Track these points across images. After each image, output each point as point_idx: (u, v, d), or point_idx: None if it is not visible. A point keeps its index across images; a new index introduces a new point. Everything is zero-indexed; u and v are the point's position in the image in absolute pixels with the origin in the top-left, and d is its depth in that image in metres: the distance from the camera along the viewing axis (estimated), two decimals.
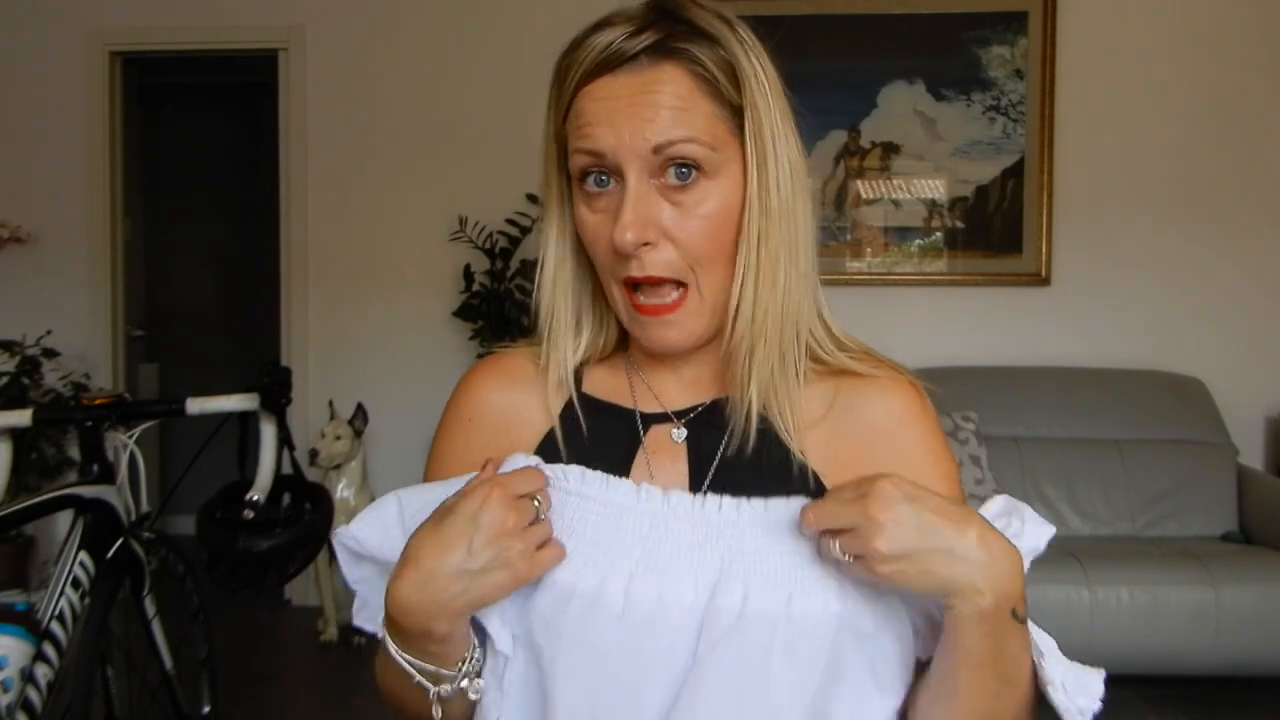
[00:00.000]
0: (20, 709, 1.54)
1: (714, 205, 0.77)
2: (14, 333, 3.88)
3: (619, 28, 0.76)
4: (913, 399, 0.84)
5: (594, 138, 0.75)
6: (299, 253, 4.09)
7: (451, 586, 0.71)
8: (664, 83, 0.75)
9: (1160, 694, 3.08)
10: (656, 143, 0.74)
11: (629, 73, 0.75)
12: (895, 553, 0.68)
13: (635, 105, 0.74)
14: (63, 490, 1.82)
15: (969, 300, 3.95)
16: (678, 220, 0.76)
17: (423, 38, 4.04)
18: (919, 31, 3.91)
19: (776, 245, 0.78)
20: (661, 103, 0.74)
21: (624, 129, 0.74)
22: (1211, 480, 3.51)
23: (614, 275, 0.79)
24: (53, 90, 4.11)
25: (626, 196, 0.75)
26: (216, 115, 5.45)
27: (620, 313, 0.81)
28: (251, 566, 1.81)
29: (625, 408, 0.85)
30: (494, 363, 0.90)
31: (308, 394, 3.98)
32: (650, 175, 0.76)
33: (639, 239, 0.75)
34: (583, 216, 0.79)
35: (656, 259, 0.76)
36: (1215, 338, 3.86)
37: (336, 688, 3.29)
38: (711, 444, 0.82)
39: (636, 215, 0.75)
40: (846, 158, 3.95)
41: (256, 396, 1.92)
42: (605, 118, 0.75)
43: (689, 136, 0.75)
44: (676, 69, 0.76)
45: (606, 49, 0.75)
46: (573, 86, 0.77)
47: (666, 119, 0.74)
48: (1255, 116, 3.84)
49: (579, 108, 0.77)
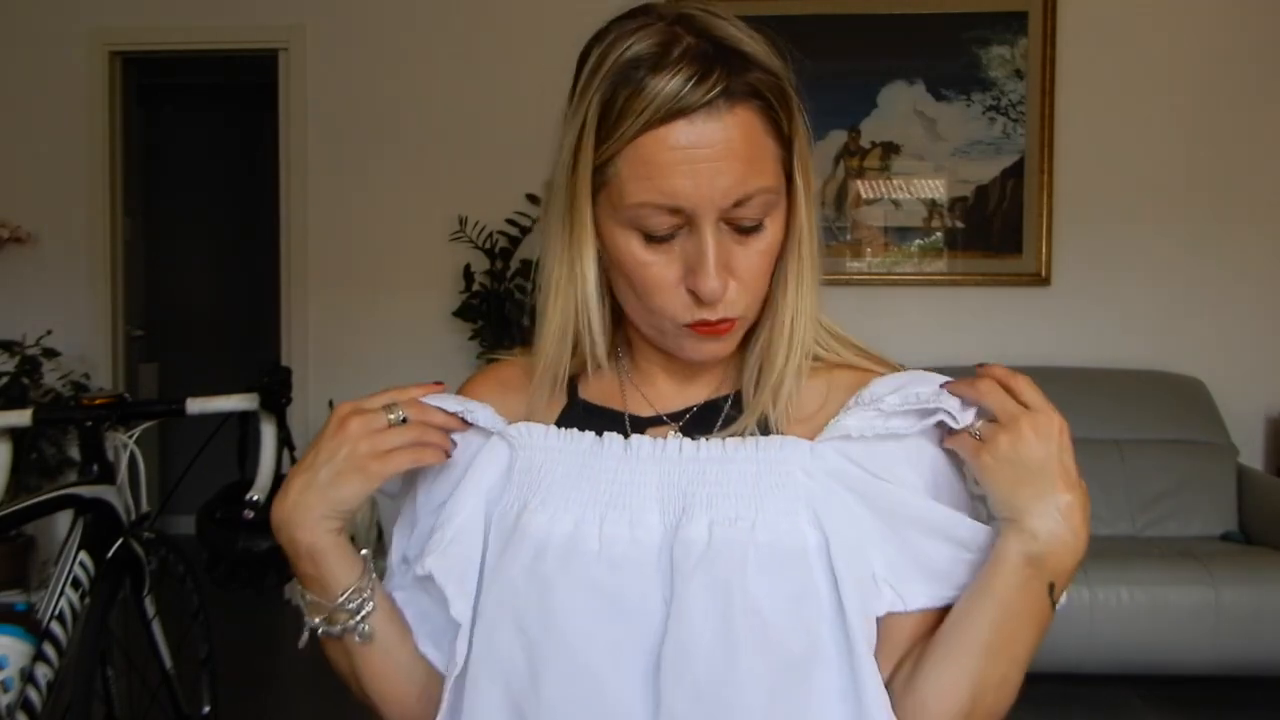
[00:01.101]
0: (20, 709, 1.54)
1: (769, 242, 0.78)
2: (14, 333, 3.88)
3: (680, 71, 0.72)
4: None
5: (670, 193, 0.73)
6: (299, 253, 4.09)
7: (306, 494, 0.78)
8: (738, 127, 0.73)
9: (1160, 694, 3.08)
10: (738, 197, 0.74)
11: (705, 119, 0.72)
12: (1010, 458, 0.74)
13: (714, 157, 0.73)
14: (63, 490, 1.81)
15: (969, 300, 3.95)
16: (743, 261, 0.77)
17: (423, 38, 4.04)
18: (919, 31, 3.91)
19: (807, 265, 0.82)
20: (738, 153, 0.73)
21: (704, 181, 0.73)
22: (1211, 480, 3.51)
23: (676, 317, 0.78)
24: (53, 90, 4.11)
25: (706, 247, 0.75)
26: (216, 115, 5.45)
27: (664, 335, 0.81)
28: (251, 566, 1.81)
29: (619, 412, 0.86)
30: (491, 372, 0.91)
31: (308, 394, 3.98)
32: (720, 219, 0.75)
33: (724, 287, 0.76)
34: (638, 257, 0.77)
35: (731, 303, 0.77)
36: (1215, 338, 3.86)
37: (336, 688, 3.28)
38: None
39: (719, 265, 0.75)
40: (846, 158, 3.95)
41: (256, 396, 1.92)
42: (686, 169, 0.73)
43: (763, 187, 0.75)
44: (748, 111, 0.74)
45: (678, 96, 0.72)
46: (638, 128, 0.73)
47: (742, 171, 0.74)
48: (1255, 116, 3.85)
49: (649, 154, 0.73)
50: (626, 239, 0.77)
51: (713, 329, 0.78)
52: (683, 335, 0.79)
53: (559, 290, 0.82)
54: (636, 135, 0.73)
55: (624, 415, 0.85)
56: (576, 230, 0.79)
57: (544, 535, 0.77)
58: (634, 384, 0.87)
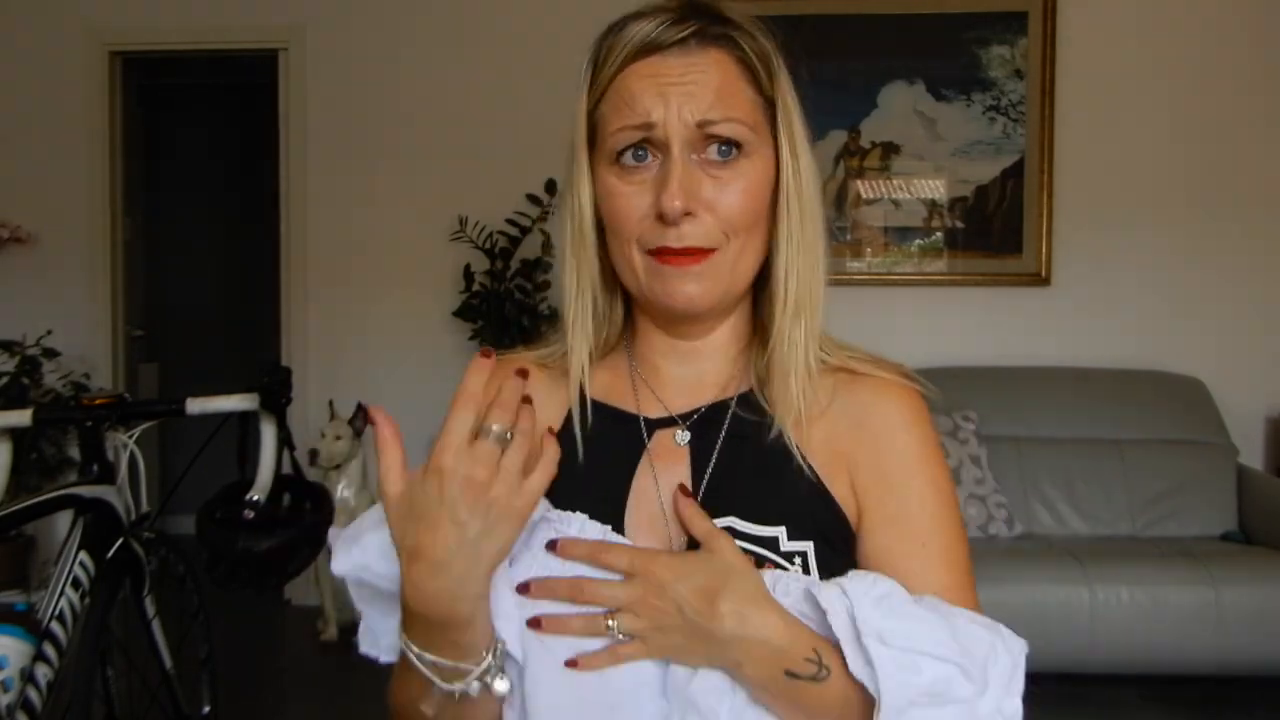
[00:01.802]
0: (20, 709, 1.54)
1: (750, 181, 0.80)
2: (14, 333, 3.88)
3: (658, 17, 0.79)
4: (910, 403, 0.85)
5: (642, 111, 0.78)
6: (299, 253, 4.09)
7: (461, 562, 0.70)
8: (711, 64, 0.79)
9: (1160, 694, 3.08)
10: (704, 118, 0.77)
11: (678, 53, 0.79)
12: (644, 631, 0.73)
13: (684, 82, 0.78)
14: (63, 490, 1.81)
15: (969, 300, 3.95)
16: (717, 193, 0.79)
17: (423, 38, 4.04)
18: (919, 31, 3.91)
19: (813, 229, 0.83)
20: (709, 82, 0.78)
21: (673, 103, 0.77)
22: (1211, 480, 3.51)
23: (643, 244, 0.80)
24: (53, 90, 4.11)
25: (672, 167, 0.77)
26: (216, 115, 5.45)
27: (638, 275, 0.81)
28: (251, 566, 1.81)
29: (629, 411, 0.86)
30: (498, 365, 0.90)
31: (308, 394, 3.98)
32: (693, 151, 0.78)
33: (686, 206, 0.77)
34: (614, 188, 0.80)
35: (695, 230, 0.78)
36: (1215, 338, 3.86)
37: (336, 688, 3.29)
38: (714, 445, 0.83)
39: (683, 185, 0.77)
40: (846, 158, 3.95)
41: (256, 396, 1.91)
42: (655, 91, 0.78)
43: (734, 116, 0.78)
44: (721, 54, 0.80)
45: (652, 34, 0.78)
46: (614, 67, 0.79)
47: (712, 98, 0.78)
48: (1255, 116, 3.84)
49: (624, 85, 0.79)
50: (606, 176, 0.81)
51: (679, 259, 0.79)
52: (654, 274, 0.80)
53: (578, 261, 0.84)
54: (616, 74, 0.79)
55: (639, 419, 0.85)
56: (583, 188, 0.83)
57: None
58: (644, 380, 0.87)
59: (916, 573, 0.79)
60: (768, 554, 0.79)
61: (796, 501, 0.81)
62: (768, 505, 0.80)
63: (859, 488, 0.82)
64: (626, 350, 0.89)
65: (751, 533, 0.79)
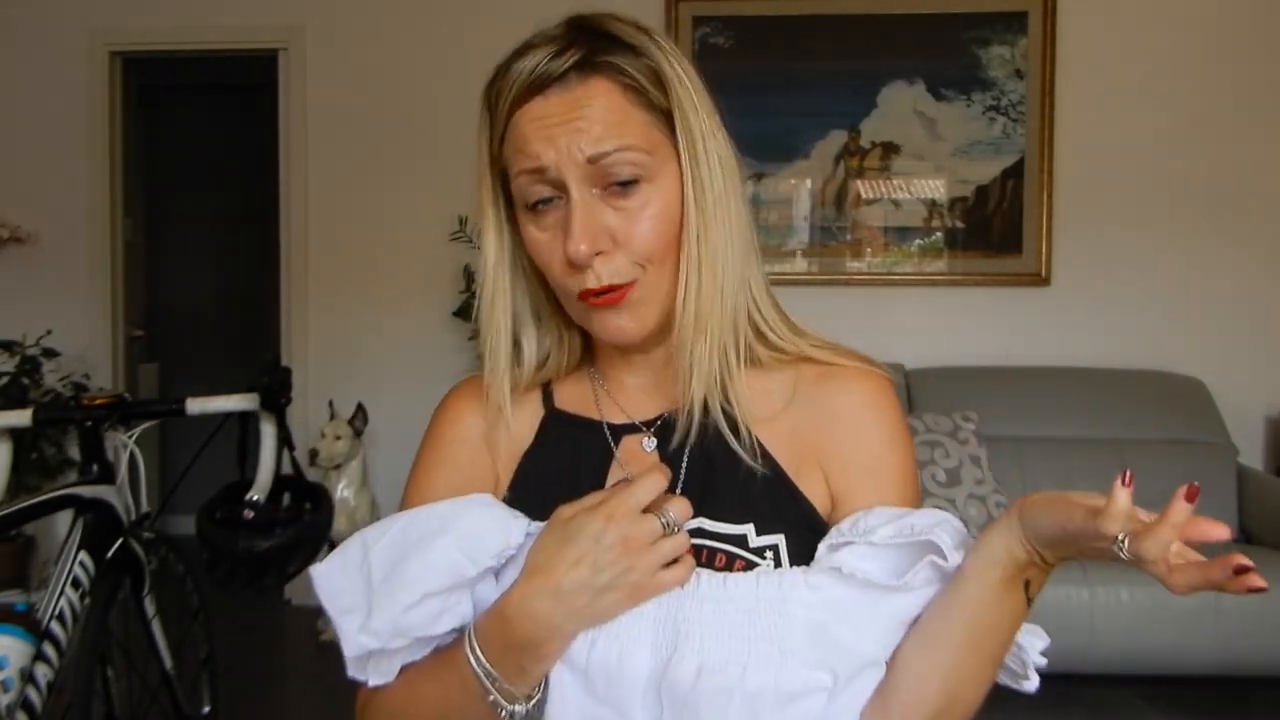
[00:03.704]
0: (20, 709, 1.54)
1: (657, 207, 0.79)
2: (14, 333, 3.88)
3: (542, 50, 0.78)
4: (876, 386, 0.86)
5: (534, 155, 0.77)
6: (299, 253, 4.09)
7: (578, 600, 0.73)
8: (594, 96, 0.77)
9: (1160, 694, 3.08)
10: (591, 154, 0.76)
11: (559, 91, 0.78)
12: None
13: (569, 120, 0.77)
14: (63, 490, 1.82)
15: (969, 300, 3.95)
16: (624, 225, 0.78)
17: (423, 37, 4.04)
18: (919, 31, 3.91)
19: (715, 239, 0.81)
20: (594, 116, 0.77)
21: (560, 143, 0.76)
22: (1211, 480, 3.51)
23: (568, 290, 0.80)
24: (53, 90, 4.11)
25: (573, 208, 0.77)
26: (216, 115, 5.45)
27: (575, 317, 0.83)
28: (251, 566, 1.81)
29: (594, 420, 0.87)
30: (470, 386, 0.91)
31: (308, 394, 3.98)
32: (592, 185, 0.78)
33: (592, 249, 0.77)
34: (533, 237, 0.80)
35: (610, 268, 0.78)
36: (1215, 338, 3.86)
37: (336, 688, 3.28)
38: (680, 450, 0.84)
39: (585, 226, 0.77)
40: (846, 158, 3.95)
41: (256, 396, 1.92)
42: (542, 135, 0.77)
43: (623, 145, 0.77)
44: (604, 82, 0.78)
45: (534, 72, 0.78)
46: (505, 111, 0.79)
47: (600, 131, 0.77)
48: (1255, 116, 3.84)
49: (515, 131, 0.79)
50: (525, 223, 0.81)
51: (603, 299, 0.79)
52: (586, 313, 0.81)
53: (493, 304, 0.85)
54: (508, 117, 0.79)
55: (602, 424, 0.87)
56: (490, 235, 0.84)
57: None
58: (606, 391, 0.89)
59: None
60: (739, 551, 0.79)
61: (763, 497, 0.81)
62: (734, 503, 0.81)
63: (831, 476, 0.83)
64: (588, 365, 0.90)
65: (720, 531, 0.80)
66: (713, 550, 0.79)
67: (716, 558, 0.79)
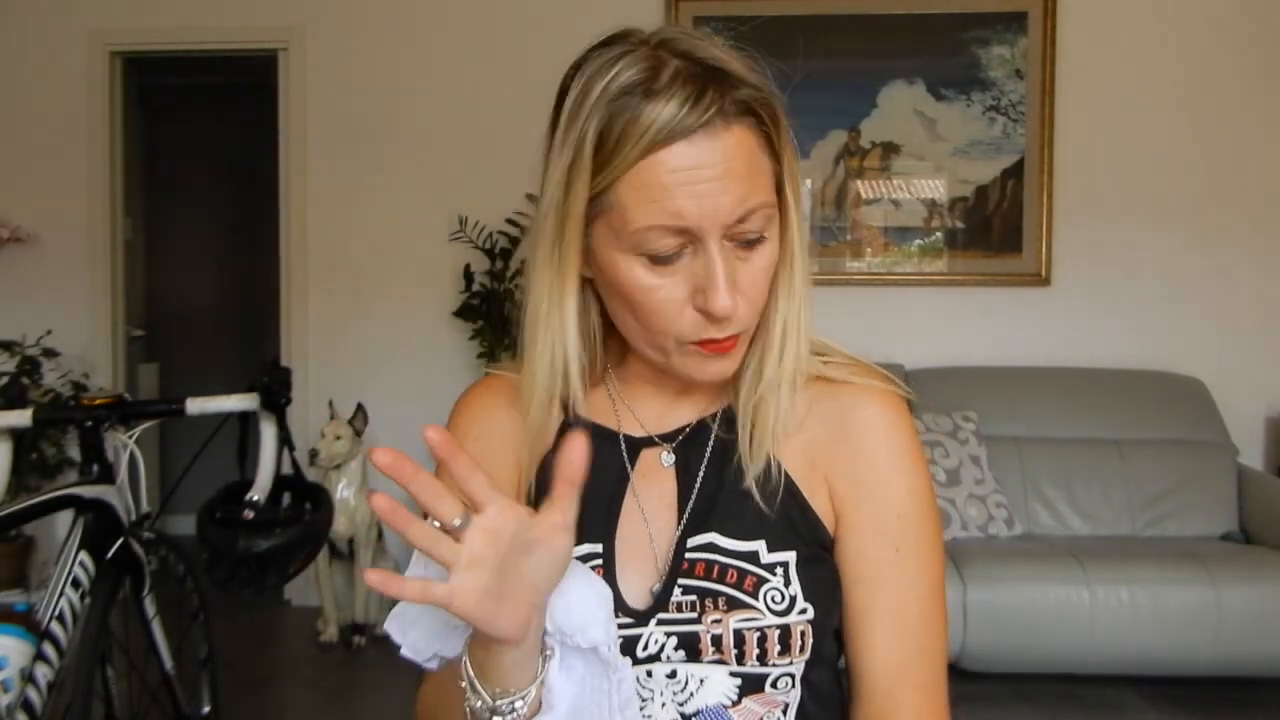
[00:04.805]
0: (20, 709, 1.54)
1: (771, 255, 0.79)
2: (14, 333, 3.89)
3: (676, 97, 0.72)
4: (889, 408, 0.85)
5: (676, 214, 0.73)
6: (299, 253, 4.09)
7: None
8: (736, 146, 0.74)
9: (1160, 694, 3.08)
10: (741, 214, 0.74)
11: (704, 139, 0.73)
12: None
13: (716, 176, 0.73)
14: (63, 490, 1.81)
15: (969, 300, 3.95)
16: (746, 275, 0.77)
17: (423, 38, 4.04)
18: (919, 31, 3.91)
19: (798, 271, 0.82)
20: (738, 171, 0.74)
21: (707, 203, 0.73)
22: (1211, 480, 3.51)
23: (681, 337, 0.78)
24: (53, 90, 4.11)
25: (716, 266, 0.75)
26: (216, 115, 5.45)
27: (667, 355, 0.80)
28: (252, 566, 1.81)
29: (613, 430, 0.87)
30: (492, 383, 0.91)
31: (308, 394, 3.98)
32: (724, 238, 0.76)
33: (736, 305, 0.76)
34: (642, 281, 0.76)
35: (738, 320, 0.77)
36: (1215, 338, 3.86)
37: (336, 688, 3.29)
38: (698, 464, 0.84)
39: (730, 280, 0.75)
40: (846, 158, 3.95)
41: (256, 396, 1.92)
42: (687, 190, 0.73)
43: (762, 203, 0.76)
44: (743, 130, 0.75)
45: (676, 120, 0.72)
46: (638, 153, 0.73)
47: (744, 190, 0.74)
48: (1255, 116, 3.85)
49: (651, 177, 0.73)
50: (630, 265, 0.76)
51: (719, 346, 0.78)
52: (688, 355, 0.79)
53: (546, 324, 0.83)
54: (637, 160, 0.73)
55: (619, 435, 0.86)
56: (565, 264, 0.79)
57: None
58: (625, 403, 0.88)
59: (890, 580, 0.81)
60: (749, 567, 0.80)
61: (776, 514, 0.82)
62: (748, 520, 0.81)
63: (836, 494, 0.84)
64: (608, 374, 0.89)
65: (732, 548, 0.80)
66: (724, 566, 0.80)
67: (728, 574, 0.79)
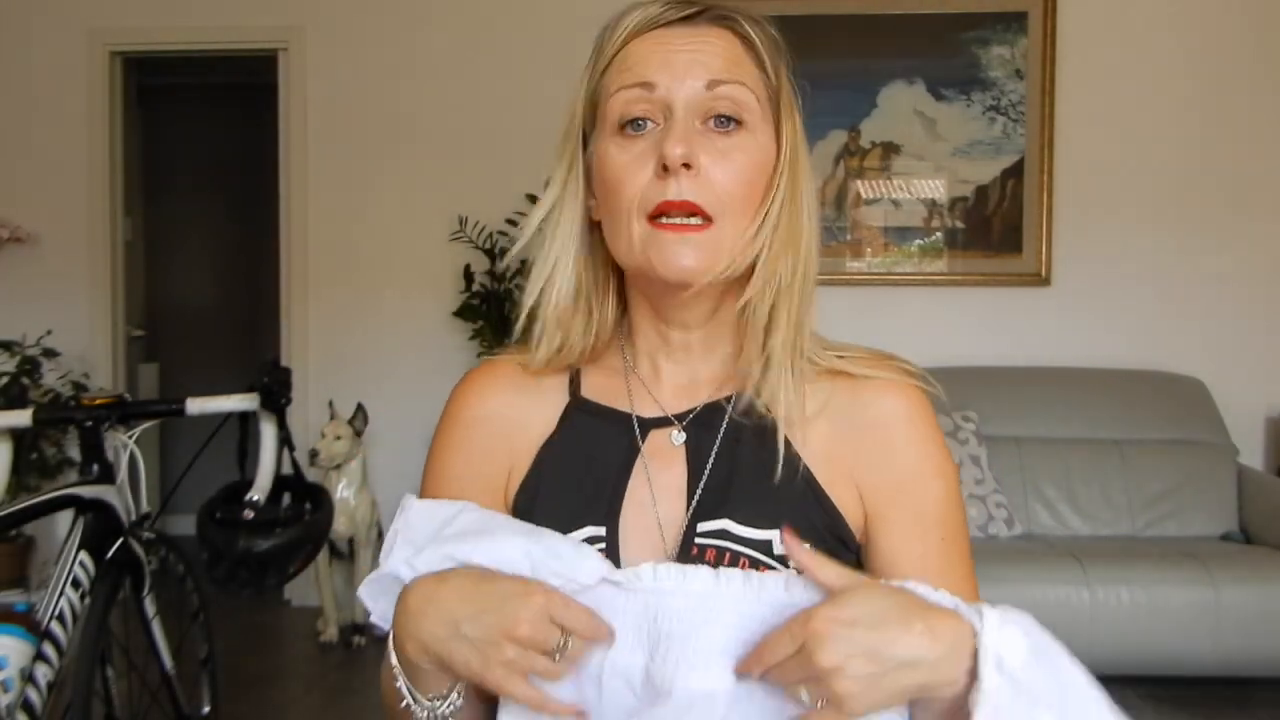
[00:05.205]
0: (20, 709, 1.54)
1: (750, 155, 0.79)
2: (14, 333, 3.88)
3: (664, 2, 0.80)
4: (911, 402, 0.83)
5: (646, 71, 0.78)
6: (299, 253, 4.09)
7: (438, 628, 0.71)
8: (718, 38, 0.80)
9: (1160, 694, 3.08)
10: (711, 78, 0.78)
11: (683, 27, 0.79)
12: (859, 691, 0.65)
13: (691, 49, 0.78)
14: (63, 490, 1.82)
15: (969, 300, 3.95)
16: (717, 160, 0.78)
17: (423, 38, 4.04)
18: (919, 31, 3.91)
19: (800, 211, 0.81)
20: (716, 51, 0.79)
21: (679, 67, 0.78)
22: (1211, 480, 3.51)
23: (643, 207, 0.78)
24: (53, 90, 4.11)
25: (674, 124, 0.77)
26: (216, 115, 5.45)
27: (634, 245, 0.78)
28: (252, 566, 1.81)
29: (623, 411, 0.85)
30: (488, 369, 0.90)
31: (308, 394, 3.98)
32: (695, 117, 0.78)
33: (686, 154, 0.76)
34: (613, 159, 0.79)
35: (694, 186, 0.77)
36: (1215, 338, 3.86)
37: (336, 688, 3.29)
38: (710, 446, 0.82)
39: (685, 136, 0.77)
40: (846, 158, 3.95)
41: (256, 396, 1.92)
42: (659, 55, 0.78)
43: (742, 80, 0.79)
44: (727, 33, 0.80)
45: (659, 15, 0.79)
46: (620, 41, 0.80)
47: (719, 65, 0.78)
48: (1255, 116, 3.85)
49: (629, 52, 0.80)
50: (607, 147, 0.80)
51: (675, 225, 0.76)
52: (650, 242, 0.77)
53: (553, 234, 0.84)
54: (620, 48, 0.80)
55: (631, 417, 0.84)
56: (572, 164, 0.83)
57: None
58: (639, 379, 0.86)
59: (934, 571, 0.78)
60: (761, 556, 0.77)
61: (793, 504, 0.79)
62: (763, 508, 0.79)
63: (867, 490, 0.82)
64: (620, 350, 0.87)
65: (746, 535, 0.78)
66: (736, 554, 0.77)
67: (740, 562, 0.77)
